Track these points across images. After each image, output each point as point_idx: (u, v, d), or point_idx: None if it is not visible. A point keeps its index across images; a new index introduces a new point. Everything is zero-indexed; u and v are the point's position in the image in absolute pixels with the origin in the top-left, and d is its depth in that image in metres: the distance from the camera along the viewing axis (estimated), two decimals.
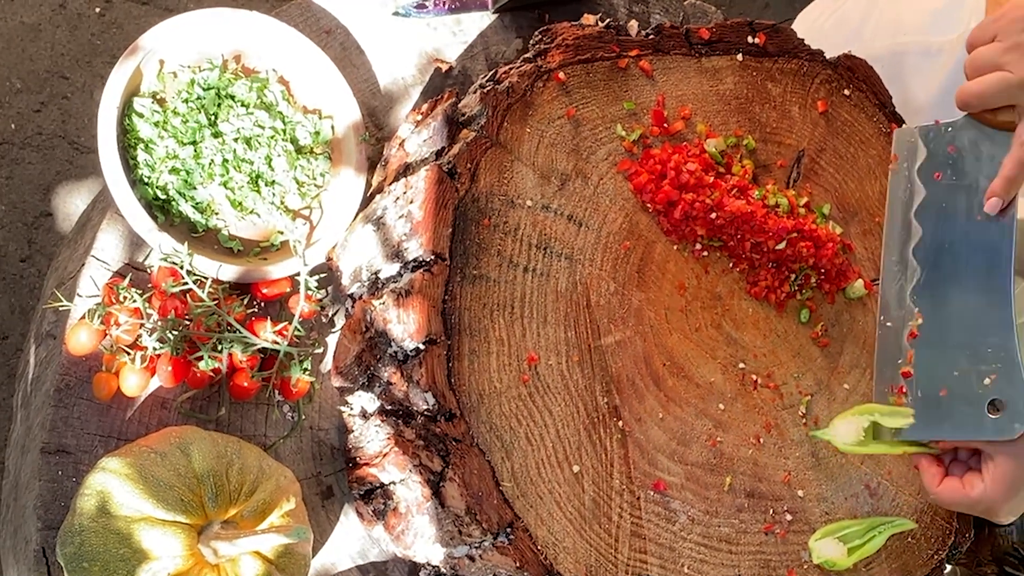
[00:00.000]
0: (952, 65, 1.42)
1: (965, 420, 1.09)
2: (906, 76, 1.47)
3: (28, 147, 2.18)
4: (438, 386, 1.03)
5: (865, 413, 1.15)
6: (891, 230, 1.22)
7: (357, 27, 1.33)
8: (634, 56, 1.21)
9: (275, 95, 1.24)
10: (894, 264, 1.20)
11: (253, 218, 1.22)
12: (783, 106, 1.29)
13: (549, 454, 1.07)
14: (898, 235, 1.21)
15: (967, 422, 1.09)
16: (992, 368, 1.09)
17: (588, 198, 1.15)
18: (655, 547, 1.10)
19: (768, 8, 2.92)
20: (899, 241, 1.20)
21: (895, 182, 1.22)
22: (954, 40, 1.43)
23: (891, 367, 1.18)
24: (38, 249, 2.15)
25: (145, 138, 1.16)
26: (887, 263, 1.21)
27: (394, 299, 1.06)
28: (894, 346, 1.18)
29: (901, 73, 1.46)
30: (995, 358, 1.09)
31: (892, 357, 1.18)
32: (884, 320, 1.20)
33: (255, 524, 1.05)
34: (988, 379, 1.09)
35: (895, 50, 1.49)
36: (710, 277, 1.21)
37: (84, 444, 1.12)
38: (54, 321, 1.18)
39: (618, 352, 1.13)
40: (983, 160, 1.14)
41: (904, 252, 1.20)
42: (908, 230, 1.20)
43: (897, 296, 1.19)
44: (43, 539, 1.10)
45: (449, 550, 1.09)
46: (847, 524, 1.17)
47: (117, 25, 2.30)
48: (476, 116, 1.13)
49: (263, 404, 1.20)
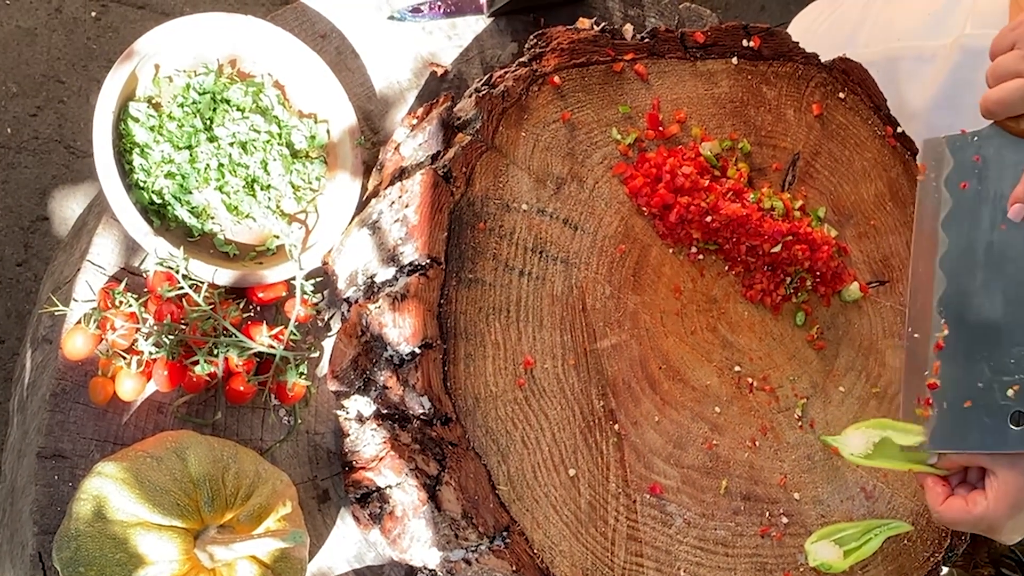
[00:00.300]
0: (946, 70, 1.42)
1: (988, 432, 1.08)
2: (900, 81, 1.47)
3: (24, 151, 2.18)
4: (434, 390, 1.03)
5: (878, 427, 1.14)
6: (919, 241, 1.20)
7: (352, 31, 1.33)
8: (629, 60, 1.22)
9: (271, 99, 1.24)
10: (921, 276, 1.18)
11: (249, 222, 1.22)
12: (778, 109, 1.29)
13: (545, 458, 1.07)
14: (925, 246, 1.19)
15: (990, 434, 1.08)
16: (1015, 379, 1.08)
17: (584, 202, 1.15)
18: (651, 550, 1.10)
19: (764, 11, 2.93)
20: (926, 252, 1.19)
21: (923, 192, 1.21)
22: (948, 45, 1.43)
23: (918, 378, 1.16)
24: (34, 253, 2.15)
25: (141, 142, 1.16)
26: (914, 275, 1.19)
27: (390, 303, 1.06)
28: (921, 358, 1.16)
29: (895, 78, 1.46)
30: (1018, 369, 1.09)
31: (919, 369, 1.16)
32: (912, 331, 1.18)
33: (251, 528, 1.05)
34: (1011, 390, 1.08)
35: (889, 55, 1.49)
36: (706, 280, 1.21)
37: (80, 448, 1.12)
38: (50, 325, 1.18)
39: (614, 356, 1.13)
40: (1007, 168, 1.13)
41: (930, 263, 1.18)
42: (935, 240, 1.18)
43: (923, 308, 1.18)
44: (39, 544, 1.10)
45: (445, 554, 1.09)
46: (843, 527, 1.17)
47: (113, 29, 2.30)
48: (471, 120, 1.13)
49: (259, 408, 1.20)
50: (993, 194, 1.14)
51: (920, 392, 1.15)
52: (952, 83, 1.41)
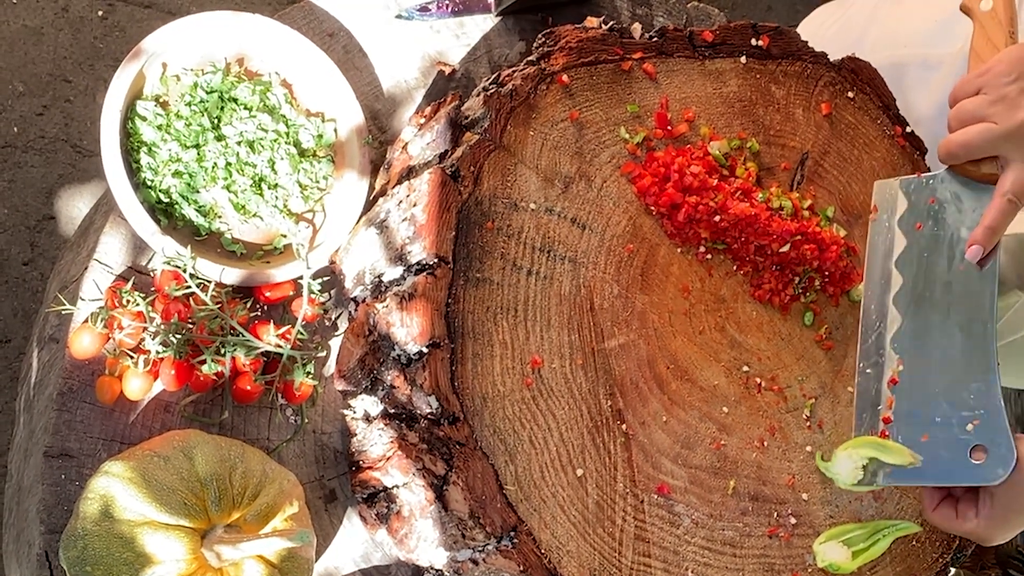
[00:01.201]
0: (951, 78, 1.42)
1: (947, 466, 1.10)
2: (906, 88, 1.47)
3: (31, 151, 2.18)
4: (441, 390, 1.03)
5: (867, 446, 1.14)
6: (870, 279, 1.22)
7: (360, 30, 1.33)
8: (637, 59, 1.21)
9: (278, 98, 1.24)
10: (873, 313, 1.20)
11: (256, 221, 1.22)
12: (787, 109, 1.29)
13: (553, 457, 1.07)
14: (878, 284, 1.21)
15: (949, 468, 1.10)
16: (974, 414, 1.10)
17: (592, 201, 1.15)
18: (659, 551, 1.10)
19: (771, 11, 2.93)
20: (879, 290, 1.21)
21: (875, 232, 1.23)
22: (955, 53, 1.43)
23: (871, 413, 1.17)
24: (41, 253, 2.15)
25: (148, 141, 1.16)
26: (866, 311, 1.21)
27: (397, 302, 1.05)
28: (874, 392, 1.18)
29: (902, 85, 1.46)
30: (978, 404, 1.10)
31: (872, 403, 1.18)
32: (863, 367, 1.20)
33: (258, 528, 1.05)
34: (970, 425, 1.09)
35: (895, 62, 1.49)
36: (714, 280, 1.20)
37: (87, 448, 1.12)
38: (57, 325, 1.18)
39: (622, 355, 1.13)
40: (964, 211, 1.16)
41: (884, 300, 1.20)
42: (888, 279, 1.21)
43: (876, 343, 1.20)
44: (46, 543, 1.10)
45: (452, 554, 1.09)
46: (852, 527, 1.17)
47: (120, 28, 2.30)
48: (479, 119, 1.13)
49: (266, 408, 1.19)
50: (951, 236, 1.17)
51: (874, 427, 1.16)
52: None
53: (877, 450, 1.13)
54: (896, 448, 1.12)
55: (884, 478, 1.13)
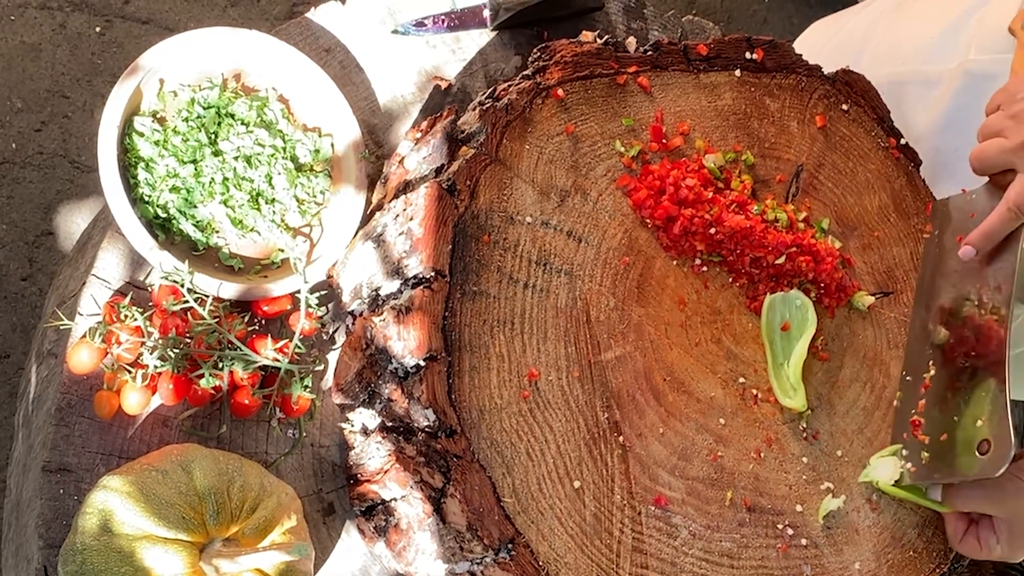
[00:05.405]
0: (950, 95, 1.44)
1: (960, 462, 1.14)
2: (905, 105, 1.48)
3: (29, 166, 2.19)
4: (439, 402, 1.03)
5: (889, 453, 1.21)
6: (919, 292, 1.30)
7: (356, 45, 1.34)
8: (632, 72, 1.22)
9: (275, 113, 1.24)
10: (919, 327, 1.28)
11: (253, 236, 1.22)
12: (781, 121, 1.29)
13: (550, 469, 1.07)
14: (924, 297, 1.29)
15: (962, 464, 1.13)
16: (985, 411, 1.14)
17: (587, 214, 1.16)
18: (656, 562, 1.10)
19: (766, 24, 2.94)
20: (924, 303, 1.29)
21: (927, 247, 1.32)
22: (953, 70, 1.44)
23: (905, 417, 1.24)
24: (39, 268, 2.16)
25: (146, 157, 1.17)
26: (913, 324, 1.29)
27: (394, 316, 1.06)
28: (911, 398, 1.24)
29: (900, 102, 1.47)
30: (985, 400, 1.14)
31: (908, 408, 1.24)
32: (906, 375, 1.27)
33: (257, 542, 1.05)
34: (980, 421, 1.13)
35: (894, 79, 1.51)
36: (710, 292, 1.21)
37: (85, 462, 1.12)
38: (55, 340, 1.18)
39: (618, 367, 1.13)
40: None
41: (928, 313, 1.27)
42: (932, 291, 1.28)
43: (918, 353, 1.26)
44: (45, 558, 1.10)
45: (451, 566, 1.09)
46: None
47: (117, 44, 2.31)
48: (475, 133, 1.14)
49: (264, 421, 1.20)
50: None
51: (905, 430, 1.22)
52: (956, 107, 1.44)
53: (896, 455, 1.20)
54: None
55: (909, 477, 1.18)
